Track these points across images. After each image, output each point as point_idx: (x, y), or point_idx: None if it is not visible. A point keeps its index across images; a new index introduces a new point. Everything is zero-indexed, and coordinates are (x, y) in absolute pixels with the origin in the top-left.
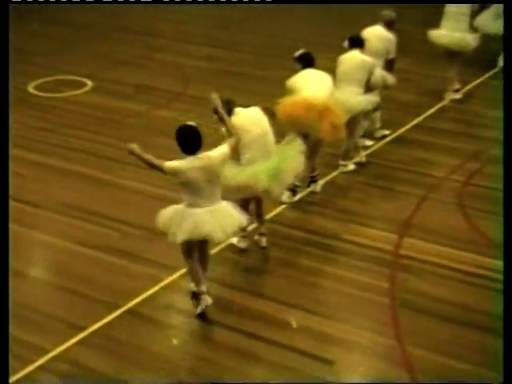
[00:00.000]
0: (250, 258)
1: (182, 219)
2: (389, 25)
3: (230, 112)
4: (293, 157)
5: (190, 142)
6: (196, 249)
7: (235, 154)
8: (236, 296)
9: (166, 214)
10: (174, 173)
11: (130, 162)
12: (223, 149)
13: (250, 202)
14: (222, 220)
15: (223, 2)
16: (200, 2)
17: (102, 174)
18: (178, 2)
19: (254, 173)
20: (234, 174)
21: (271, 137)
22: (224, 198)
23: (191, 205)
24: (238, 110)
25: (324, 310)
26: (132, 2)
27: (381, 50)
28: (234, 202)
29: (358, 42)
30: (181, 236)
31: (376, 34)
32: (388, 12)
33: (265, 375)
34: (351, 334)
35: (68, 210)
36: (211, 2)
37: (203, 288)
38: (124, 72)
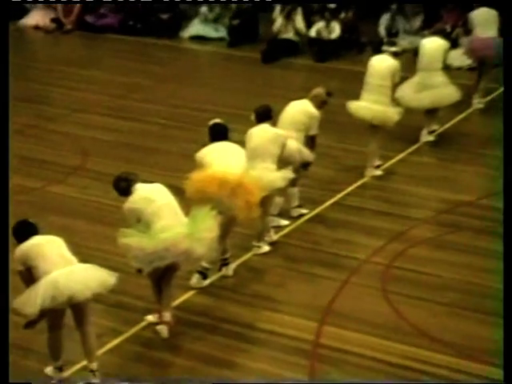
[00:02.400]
0: (155, 348)
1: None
2: (320, 103)
3: (127, 190)
4: (206, 216)
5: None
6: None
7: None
8: None
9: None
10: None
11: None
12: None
13: (164, 276)
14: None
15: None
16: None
17: None
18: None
19: (171, 236)
20: (148, 242)
21: (177, 206)
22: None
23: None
24: (138, 185)
25: None
26: None
27: (303, 125)
28: (148, 278)
29: (265, 116)
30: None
31: (302, 108)
32: (320, 92)
33: None
34: None
35: None
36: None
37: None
38: (13, 143)
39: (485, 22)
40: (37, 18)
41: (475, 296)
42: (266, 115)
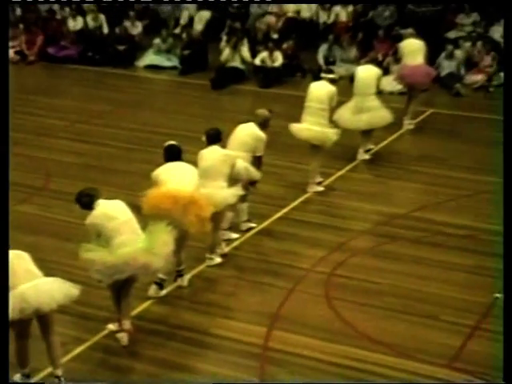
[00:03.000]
0: (117, 355)
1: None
2: (262, 124)
3: (89, 204)
4: (162, 231)
5: None
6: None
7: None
8: None
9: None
10: None
11: None
12: None
13: (124, 287)
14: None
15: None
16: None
17: None
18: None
19: (130, 251)
20: (109, 257)
21: (136, 222)
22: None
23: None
24: (100, 202)
25: None
26: None
27: (250, 147)
28: (108, 289)
29: (215, 138)
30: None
31: (249, 131)
32: (262, 111)
33: None
34: None
35: None
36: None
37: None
38: None
39: (412, 51)
40: None
41: (410, 300)
42: (216, 137)
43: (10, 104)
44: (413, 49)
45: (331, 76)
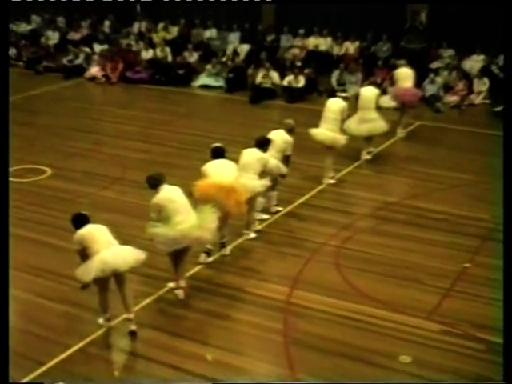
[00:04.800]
0: (174, 306)
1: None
2: (289, 131)
3: (156, 186)
4: (209, 211)
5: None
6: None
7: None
8: (162, 336)
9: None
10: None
11: None
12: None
13: (179, 255)
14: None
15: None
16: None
17: (58, 241)
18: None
19: (186, 228)
20: (169, 231)
21: (189, 205)
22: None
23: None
24: (164, 186)
25: (231, 346)
26: None
27: (281, 148)
28: (168, 256)
29: (261, 143)
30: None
31: (280, 136)
32: (289, 121)
33: None
34: (253, 365)
35: (30, 269)
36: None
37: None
38: (75, 162)
39: (404, 77)
40: (92, 73)
41: (400, 268)
42: (262, 143)
43: (9, 110)
44: (404, 75)
45: (344, 94)
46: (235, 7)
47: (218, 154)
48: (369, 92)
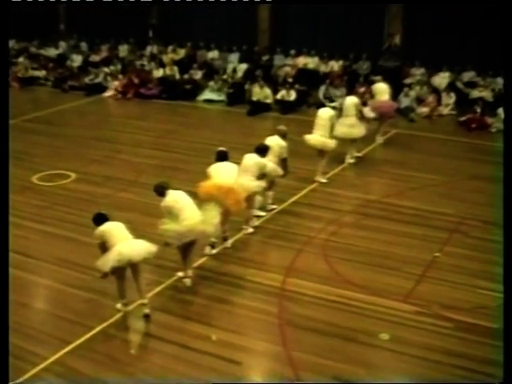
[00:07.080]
0: (183, 292)
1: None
2: (283, 136)
3: (163, 193)
4: (212, 209)
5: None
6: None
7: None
8: (172, 318)
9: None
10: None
11: None
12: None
13: (187, 248)
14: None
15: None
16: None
17: (81, 237)
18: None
19: (192, 223)
20: (177, 227)
21: (194, 204)
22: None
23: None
24: (170, 192)
25: (233, 327)
26: None
27: (277, 153)
28: (177, 249)
29: (260, 150)
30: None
31: (276, 142)
32: (282, 127)
33: (190, 373)
34: (252, 343)
35: (57, 261)
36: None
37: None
38: (96, 167)
39: (381, 91)
40: (111, 91)
41: (379, 257)
42: (261, 150)
43: (8, 117)
44: (381, 90)
45: (332, 105)
46: (235, 31)
47: (222, 157)
48: (349, 100)
